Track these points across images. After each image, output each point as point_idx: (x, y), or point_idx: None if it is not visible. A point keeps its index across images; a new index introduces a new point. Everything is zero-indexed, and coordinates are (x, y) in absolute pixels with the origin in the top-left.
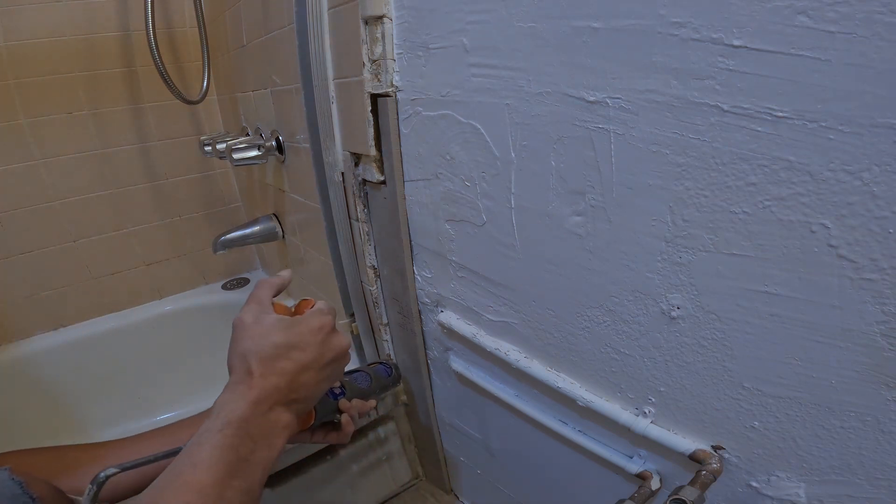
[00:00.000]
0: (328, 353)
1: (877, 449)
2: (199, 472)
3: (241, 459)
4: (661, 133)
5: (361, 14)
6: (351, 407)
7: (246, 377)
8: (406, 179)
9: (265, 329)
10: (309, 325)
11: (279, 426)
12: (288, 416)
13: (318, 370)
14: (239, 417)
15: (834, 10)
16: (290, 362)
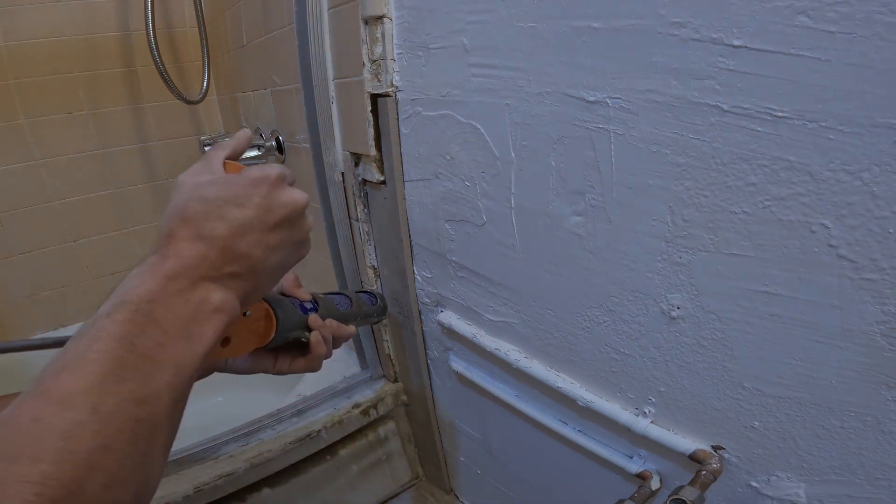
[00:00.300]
0: (278, 210)
1: (877, 449)
2: (65, 376)
3: (138, 355)
4: (661, 133)
5: (361, 14)
6: (323, 326)
7: (162, 245)
8: (406, 179)
9: (198, 184)
10: (250, 177)
11: (206, 309)
12: (221, 294)
13: (265, 232)
14: (140, 296)
15: (834, 10)
16: (223, 223)
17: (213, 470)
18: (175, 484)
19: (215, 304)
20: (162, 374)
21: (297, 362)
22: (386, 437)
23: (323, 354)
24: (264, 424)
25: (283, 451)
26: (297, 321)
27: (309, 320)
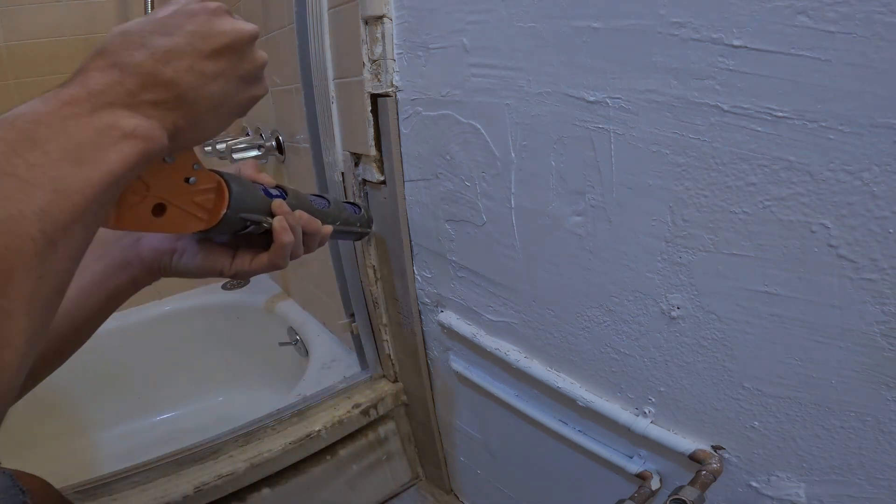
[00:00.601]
0: (217, 38)
1: (877, 449)
2: None
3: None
4: (661, 133)
5: (361, 14)
6: (290, 213)
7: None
8: (406, 179)
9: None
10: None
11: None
12: (137, 121)
13: (199, 59)
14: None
15: (834, 10)
16: (144, 50)
17: (213, 470)
18: (175, 484)
19: (126, 130)
20: (30, 197)
21: (260, 259)
22: (386, 437)
23: (288, 245)
24: (264, 424)
25: (283, 451)
26: (257, 202)
27: (273, 205)
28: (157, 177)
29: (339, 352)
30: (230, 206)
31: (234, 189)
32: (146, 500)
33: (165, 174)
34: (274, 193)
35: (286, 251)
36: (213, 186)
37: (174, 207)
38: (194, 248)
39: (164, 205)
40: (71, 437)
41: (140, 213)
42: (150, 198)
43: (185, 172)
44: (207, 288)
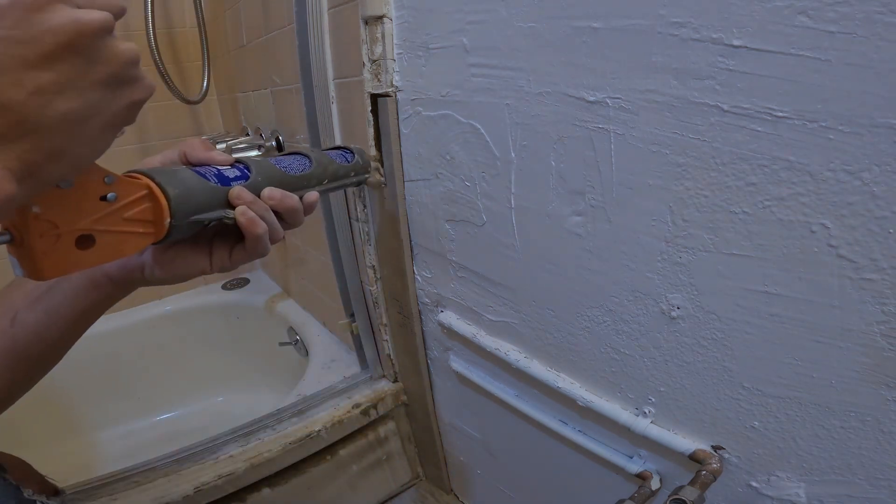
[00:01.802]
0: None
1: (877, 449)
2: None
3: None
4: (661, 133)
5: (361, 14)
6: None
7: None
8: (406, 179)
9: None
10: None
11: None
12: None
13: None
14: None
15: (834, 10)
16: None
17: (213, 470)
18: (175, 484)
19: None
20: None
21: (238, 253)
22: (386, 437)
23: (262, 235)
24: (264, 424)
25: (283, 451)
26: (209, 196)
27: (231, 194)
28: (60, 209)
29: (339, 352)
30: (174, 214)
31: (172, 192)
32: (146, 500)
33: (71, 202)
34: (230, 176)
35: (262, 242)
36: (144, 194)
37: (103, 234)
38: (164, 255)
39: (89, 235)
40: (71, 437)
41: (62, 255)
42: (66, 234)
43: (97, 191)
44: (207, 288)
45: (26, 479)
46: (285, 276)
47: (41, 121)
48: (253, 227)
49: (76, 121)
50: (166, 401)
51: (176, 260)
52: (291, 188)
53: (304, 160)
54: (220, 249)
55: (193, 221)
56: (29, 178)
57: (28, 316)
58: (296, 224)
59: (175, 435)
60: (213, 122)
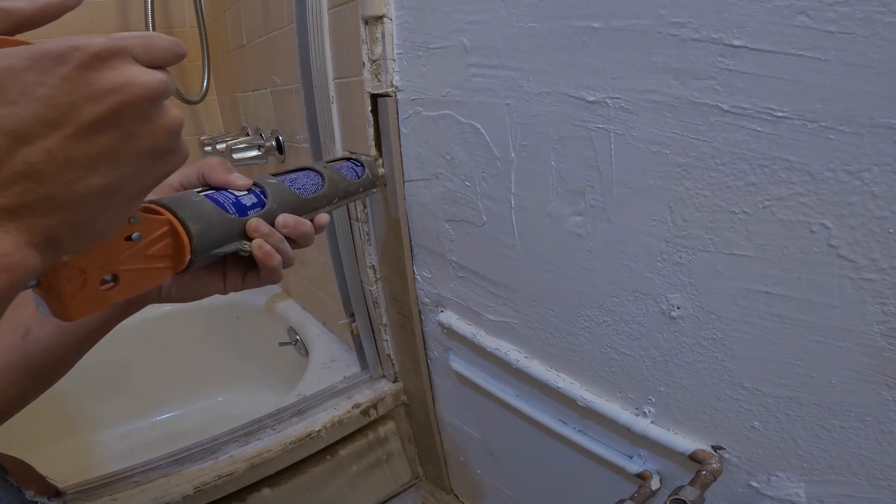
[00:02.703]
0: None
1: (877, 449)
2: None
3: None
4: (661, 133)
5: (361, 14)
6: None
7: None
8: (406, 179)
9: None
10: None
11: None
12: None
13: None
14: None
15: (834, 10)
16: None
17: (213, 470)
18: (175, 484)
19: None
20: None
21: (251, 279)
22: (386, 437)
23: (276, 267)
24: (264, 424)
25: (283, 451)
26: (228, 230)
27: (248, 228)
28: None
29: (339, 352)
30: (194, 250)
31: (193, 228)
32: (146, 500)
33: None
34: (247, 204)
35: (276, 272)
36: (166, 230)
37: (126, 272)
38: (181, 279)
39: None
40: (71, 437)
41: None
42: (92, 278)
43: (123, 233)
44: None
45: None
46: (285, 277)
47: (69, 197)
48: (269, 260)
49: (106, 195)
50: (166, 401)
51: (192, 283)
52: (304, 211)
53: (317, 179)
54: (233, 273)
55: (212, 255)
56: (51, 251)
57: (41, 332)
58: (306, 245)
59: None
60: (213, 122)
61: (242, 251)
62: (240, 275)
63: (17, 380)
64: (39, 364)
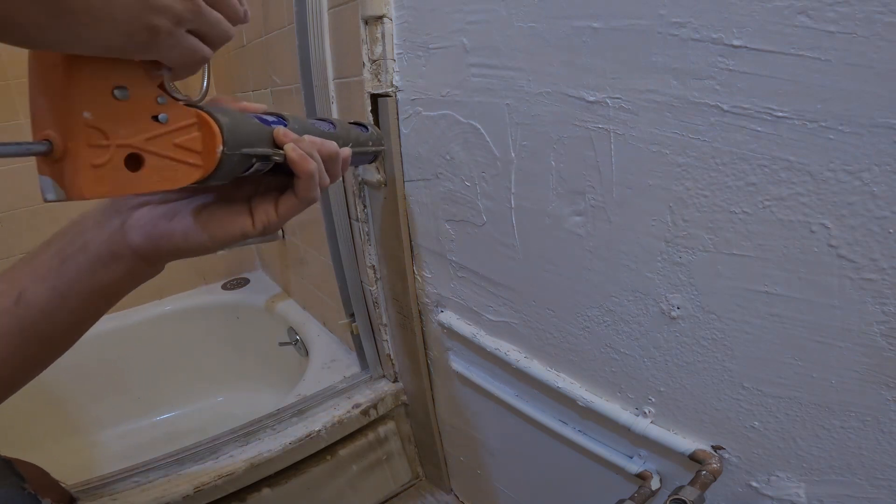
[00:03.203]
0: None
1: (877, 449)
2: None
3: None
4: (661, 133)
5: (361, 14)
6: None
7: None
8: (406, 179)
9: None
10: None
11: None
12: None
13: None
14: None
15: (834, 10)
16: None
17: (213, 470)
18: (175, 484)
19: None
20: None
21: (286, 202)
22: (386, 437)
23: (314, 172)
24: (264, 424)
25: (283, 451)
26: (256, 133)
27: (275, 134)
28: (111, 119)
29: (339, 352)
30: (226, 142)
31: (223, 120)
32: (146, 500)
33: (123, 114)
34: (270, 120)
35: (313, 182)
36: (194, 122)
37: (152, 156)
38: (198, 219)
39: (138, 155)
40: (71, 437)
41: (108, 172)
42: (116, 149)
43: (150, 109)
44: (208, 288)
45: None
46: (285, 276)
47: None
48: (305, 162)
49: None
50: (166, 401)
51: (213, 221)
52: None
53: (328, 124)
54: (262, 206)
55: (243, 155)
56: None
57: (34, 294)
58: (335, 175)
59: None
60: None
61: (275, 157)
62: (271, 205)
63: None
64: (36, 331)
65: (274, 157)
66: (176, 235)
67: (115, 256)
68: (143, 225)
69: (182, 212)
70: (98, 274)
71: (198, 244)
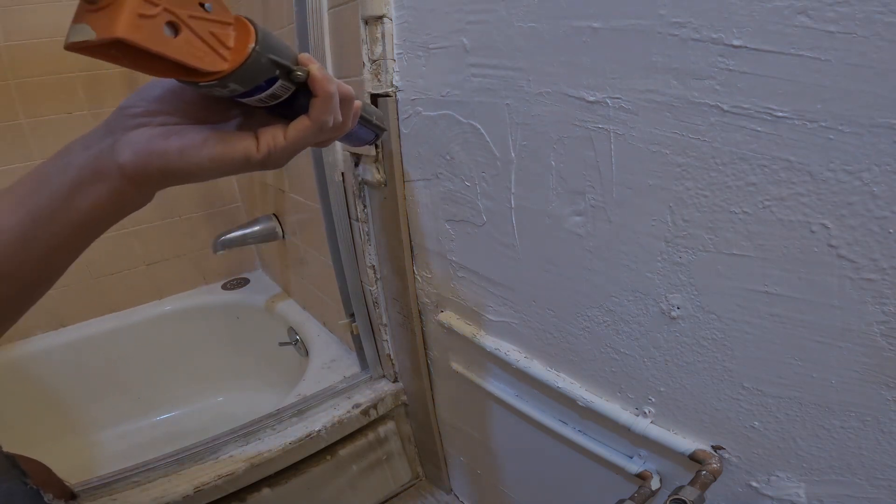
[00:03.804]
0: None
1: (877, 449)
2: None
3: None
4: (661, 133)
5: (361, 14)
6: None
7: None
8: (406, 179)
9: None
10: None
11: None
12: None
13: None
14: None
15: (834, 10)
16: None
17: (213, 470)
18: (175, 484)
19: None
20: None
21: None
22: (386, 438)
23: (333, 93)
24: (264, 424)
25: (283, 451)
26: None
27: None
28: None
29: (339, 352)
30: (258, 41)
31: (258, 25)
32: (146, 500)
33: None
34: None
35: (332, 104)
36: (232, 22)
37: (190, 32)
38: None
39: (177, 27)
40: (71, 437)
41: (151, 25)
42: (163, 11)
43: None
44: (208, 288)
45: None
46: (285, 276)
47: None
48: (327, 82)
49: None
50: (166, 401)
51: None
52: None
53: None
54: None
55: (270, 61)
56: None
57: (7, 220)
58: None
59: (175, 435)
60: None
61: (299, 72)
62: (280, 129)
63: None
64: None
65: (297, 73)
66: (171, 153)
67: (97, 175)
68: (136, 143)
69: (181, 133)
70: (77, 197)
71: (194, 163)
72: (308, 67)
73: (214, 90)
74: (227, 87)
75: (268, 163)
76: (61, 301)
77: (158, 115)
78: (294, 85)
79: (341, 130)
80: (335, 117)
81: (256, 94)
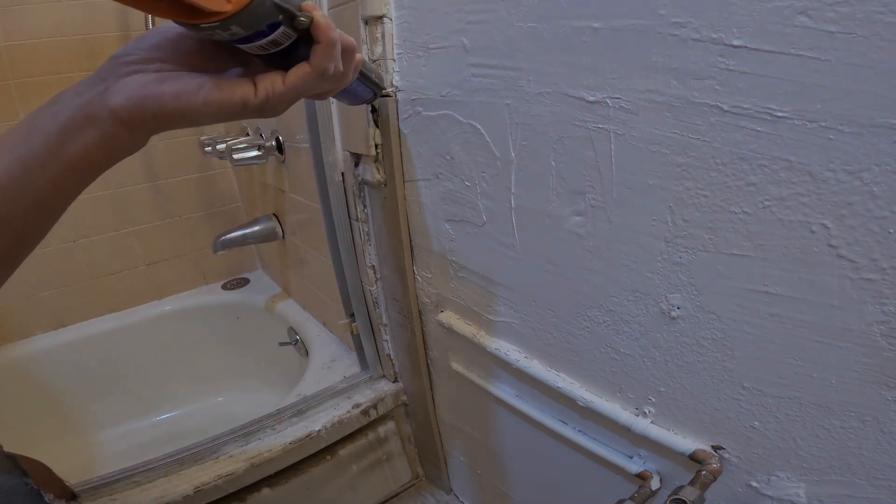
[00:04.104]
0: None
1: (877, 449)
2: None
3: None
4: (661, 133)
5: (361, 14)
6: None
7: None
8: (406, 179)
9: None
10: None
11: None
12: None
13: None
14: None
15: (834, 10)
16: None
17: (213, 470)
18: (175, 484)
19: None
20: None
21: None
22: (386, 438)
23: (335, 40)
24: (264, 424)
25: (283, 451)
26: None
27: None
28: None
29: (339, 352)
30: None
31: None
32: (146, 500)
33: None
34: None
35: (334, 52)
36: None
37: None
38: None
39: None
40: (71, 437)
41: None
42: None
43: None
44: (208, 288)
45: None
46: (285, 276)
47: None
48: (330, 29)
49: None
50: (166, 401)
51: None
52: None
53: None
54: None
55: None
56: None
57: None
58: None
59: (175, 435)
60: None
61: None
62: (278, 75)
63: None
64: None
65: (301, 18)
66: (166, 96)
67: (89, 120)
68: (130, 87)
69: (177, 78)
70: (68, 142)
71: (189, 107)
72: (312, 14)
73: (216, 33)
74: (228, 29)
75: (265, 108)
76: (61, 301)
77: (154, 63)
78: (296, 32)
79: (341, 82)
80: (336, 66)
81: (257, 39)
